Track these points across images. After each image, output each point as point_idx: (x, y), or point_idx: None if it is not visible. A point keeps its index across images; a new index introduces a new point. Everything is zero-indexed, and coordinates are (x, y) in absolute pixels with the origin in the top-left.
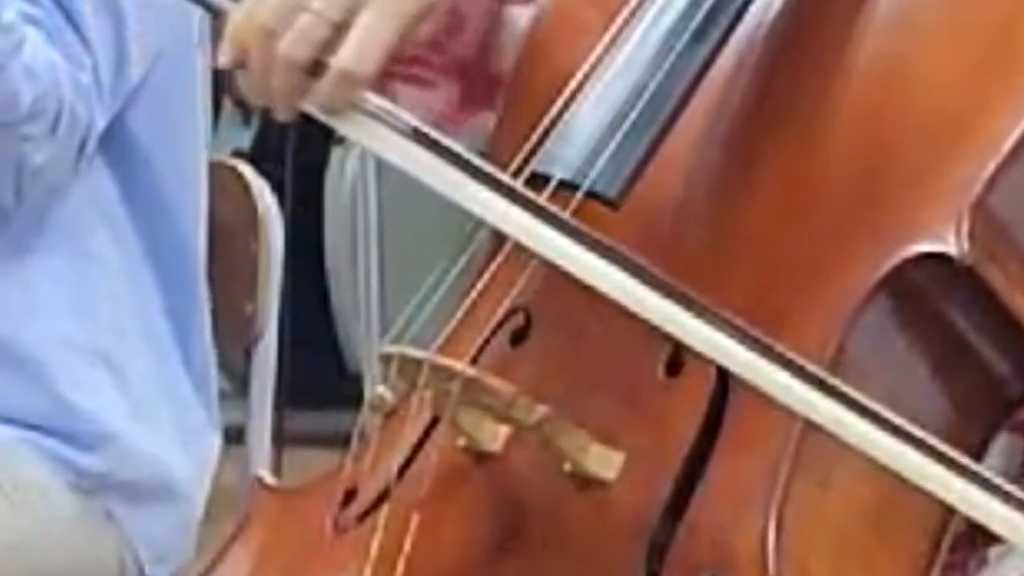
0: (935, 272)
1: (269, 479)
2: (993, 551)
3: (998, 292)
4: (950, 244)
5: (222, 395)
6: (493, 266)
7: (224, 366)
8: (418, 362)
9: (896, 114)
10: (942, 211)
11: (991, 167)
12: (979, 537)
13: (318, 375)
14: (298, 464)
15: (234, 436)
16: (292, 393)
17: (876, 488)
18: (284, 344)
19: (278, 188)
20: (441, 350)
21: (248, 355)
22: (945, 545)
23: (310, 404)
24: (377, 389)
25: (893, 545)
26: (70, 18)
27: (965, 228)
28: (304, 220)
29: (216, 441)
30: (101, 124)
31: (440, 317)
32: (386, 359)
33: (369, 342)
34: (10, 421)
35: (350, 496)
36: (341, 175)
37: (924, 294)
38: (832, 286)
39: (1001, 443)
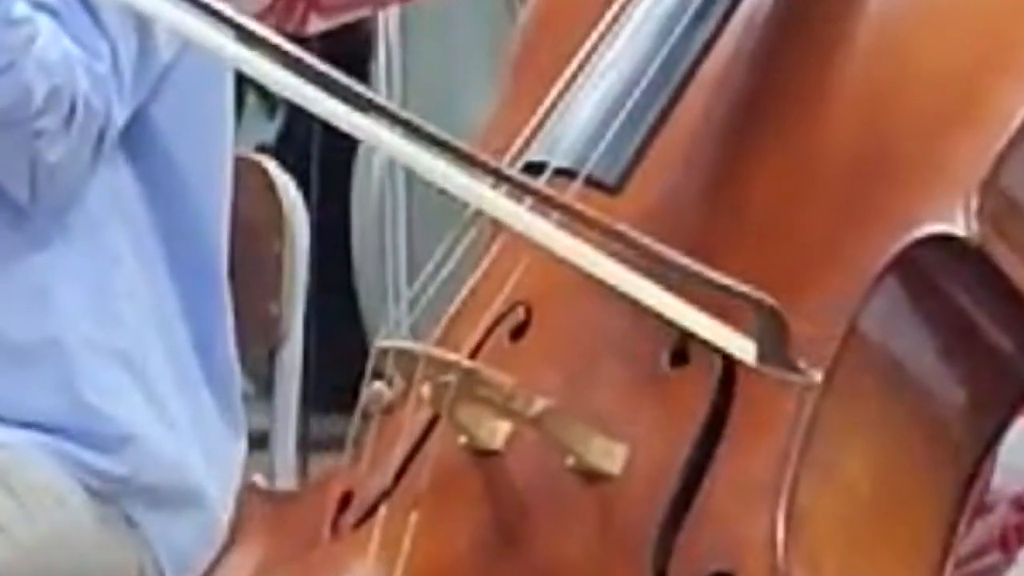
0: (945, 253)
1: (262, 483)
2: (1023, 553)
3: (1009, 274)
4: (959, 224)
5: (245, 399)
6: (490, 257)
7: (248, 369)
8: (414, 355)
9: (901, 95)
10: (951, 191)
11: (999, 146)
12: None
13: (345, 378)
14: None
15: (258, 441)
16: (318, 396)
17: (885, 480)
18: (310, 346)
19: (303, 183)
20: (439, 344)
21: (272, 357)
22: (960, 534)
23: (337, 408)
24: (373, 385)
25: (904, 540)
26: (87, 4)
27: (974, 207)
28: (330, 217)
29: (240, 447)
30: (122, 115)
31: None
32: (382, 354)
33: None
34: (28, 425)
35: (348, 499)
36: (368, 170)
37: (935, 275)
38: (840, 269)
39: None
